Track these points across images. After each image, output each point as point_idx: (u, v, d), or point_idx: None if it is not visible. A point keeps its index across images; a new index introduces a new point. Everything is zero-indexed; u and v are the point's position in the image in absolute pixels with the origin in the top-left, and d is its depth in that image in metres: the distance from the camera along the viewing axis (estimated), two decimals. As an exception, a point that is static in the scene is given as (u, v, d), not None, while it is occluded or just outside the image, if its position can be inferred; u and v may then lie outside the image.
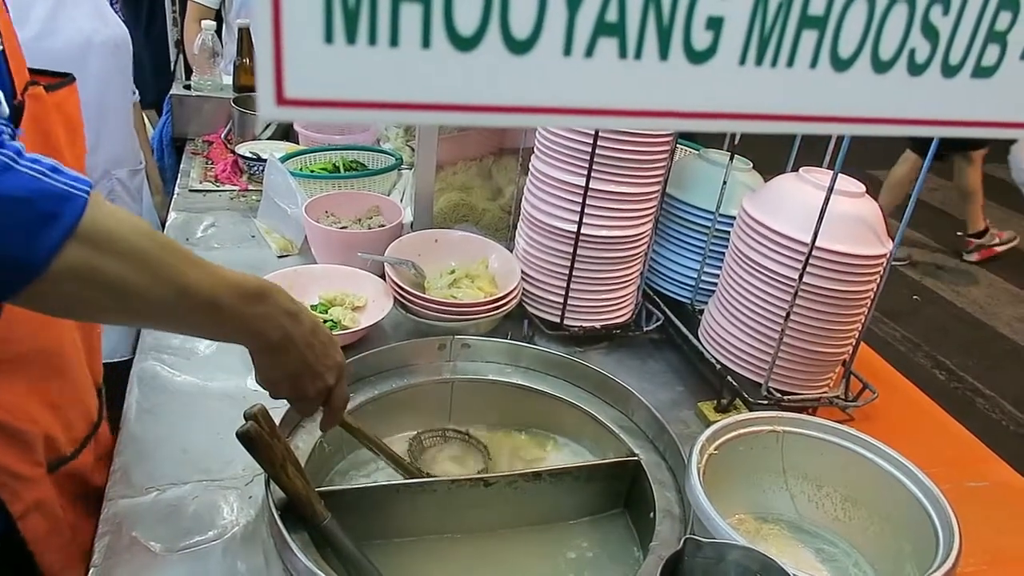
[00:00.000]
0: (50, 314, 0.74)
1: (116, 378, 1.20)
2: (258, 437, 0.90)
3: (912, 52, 0.40)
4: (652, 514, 1.03)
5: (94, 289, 0.69)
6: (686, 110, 0.37)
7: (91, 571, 0.87)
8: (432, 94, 0.34)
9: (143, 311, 0.75)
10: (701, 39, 0.37)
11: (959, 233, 5.10)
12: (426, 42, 0.33)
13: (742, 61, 0.37)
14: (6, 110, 0.75)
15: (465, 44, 0.34)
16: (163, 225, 1.83)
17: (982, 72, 0.41)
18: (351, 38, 0.32)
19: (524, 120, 0.35)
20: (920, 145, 4.38)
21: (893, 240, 1.17)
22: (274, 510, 0.92)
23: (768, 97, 0.38)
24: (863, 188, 1.19)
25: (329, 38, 0.32)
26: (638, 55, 0.36)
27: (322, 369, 0.89)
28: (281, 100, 0.32)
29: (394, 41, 0.33)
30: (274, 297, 0.83)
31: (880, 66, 0.39)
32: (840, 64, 0.38)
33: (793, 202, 1.18)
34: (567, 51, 0.35)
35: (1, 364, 0.87)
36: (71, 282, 0.67)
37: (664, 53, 0.36)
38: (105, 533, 0.92)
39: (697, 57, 0.37)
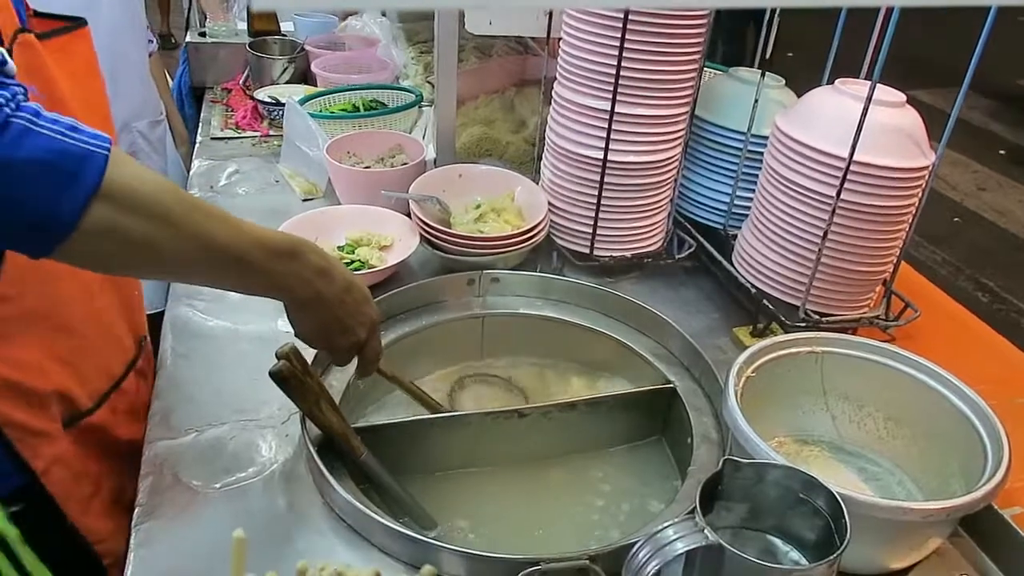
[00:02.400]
0: (82, 268, 0.75)
1: (150, 329, 1.21)
2: (291, 375, 0.90)
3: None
4: (690, 440, 1.02)
5: (121, 246, 0.70)
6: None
7: (136, 510, 0.88)
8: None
9: (171, 266, 0.77)
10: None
11: (1002, 152, 4.92)
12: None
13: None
14: (13, 68, 0.73)
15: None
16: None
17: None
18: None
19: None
20: None
21: (935, 152, 1.12)
22: (311, 447, 0.92)
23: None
24: (903, 98, 1.13)
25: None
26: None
27: (353, 324, 0.90)
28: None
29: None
30: (305, 255, 0.83)
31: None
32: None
33: (829, 116, 1.13)
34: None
35: (9, 322, 0.87)
36: (98, 240, 0.68)
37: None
38: (148, 474, 0.93)
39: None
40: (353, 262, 1.31)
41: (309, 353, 0.96)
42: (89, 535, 0.97)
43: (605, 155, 1.27)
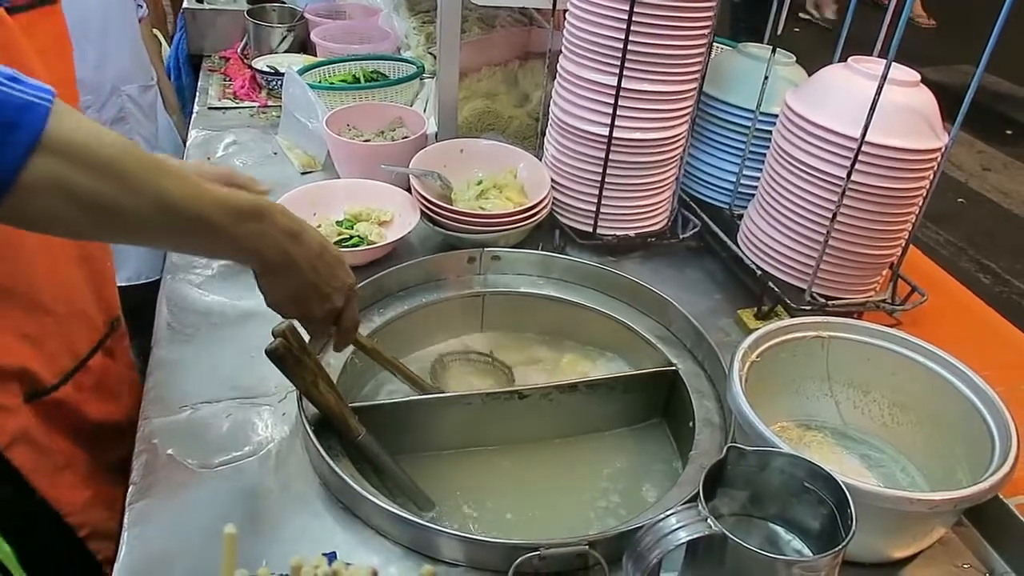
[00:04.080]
0: (32, 230, 0.70)
1: (144, 300, 1.19)
2: (287, 354, 0.88)
3: None
4: (691, 424, 1.01)
5: (68, 204, 0.65)
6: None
7: (129, 488, 0.87)
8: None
9: (125, 227, 0.71)
10: None
11: (1008, 132, 4.87)
12: None
13: None
14: None
15: None
16: (184, 144, 1.79)
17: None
18: None
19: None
20: None
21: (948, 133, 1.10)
22: (308, 426, 0.91)
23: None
24: (918, 76, 1.11)
25: None
26: None
27: (328, 291, 0.87)
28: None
29: None
30: (271, 217, 0.79)
31: None
32: None
33: (841, 95, 1.10)
34: None
35: None
36: (43, 197, 0.63)
37: None
38: (142, 452, 0.92)
39: None
40: (352, 238, 1.29)
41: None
42: (60, 507, 0.97)
43: (610, 132, 1.24)
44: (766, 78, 1.24)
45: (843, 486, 0.72)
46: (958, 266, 3.61)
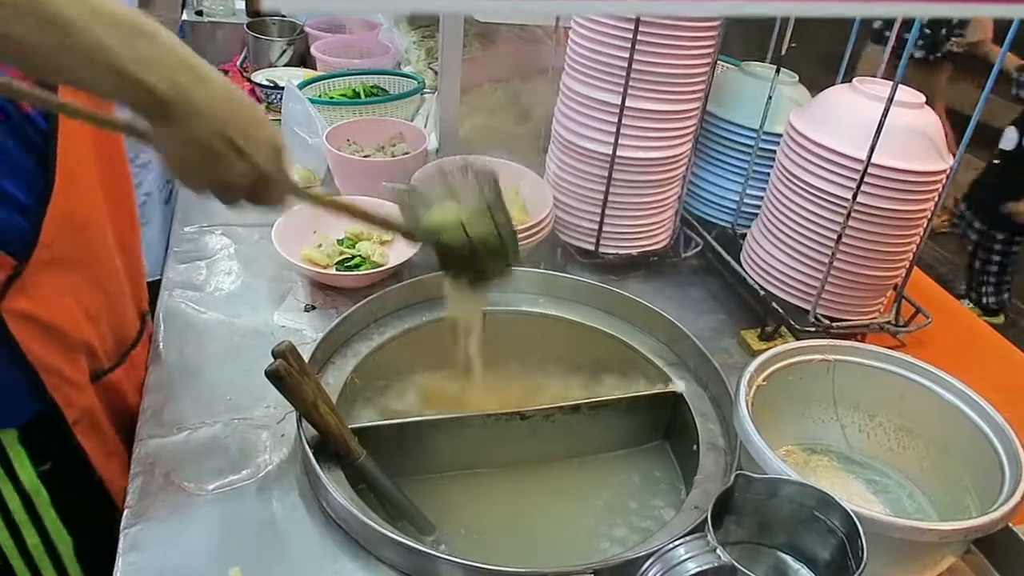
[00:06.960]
0: None
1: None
2: (287, 375, 0.86)
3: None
4: (695, 446, 1.00)
5: None
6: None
7: (125, 512, 0.85)
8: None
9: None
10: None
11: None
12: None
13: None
14: None
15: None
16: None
17: None
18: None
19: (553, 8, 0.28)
20: None
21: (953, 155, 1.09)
22: (307, 448, 0.89)
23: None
24: (923, 98, 1.10)
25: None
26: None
27: (245, 146, 0.70)
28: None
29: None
30: (168, 40, 0.65)
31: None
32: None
33: (846, 116, 1.10)
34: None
35: (47, 266, 0.86)
36: None
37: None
38: (138, 473, 0.90)
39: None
40: (354, 257, 1.28)
41: (306, 351, 0.93)
42: (111, 492, 0.98)
43: (614, 150, 1.23)
44: (770, 97, 1.24)
45: (853, 516, 0.71)
46: (955, 284, 3.62)
